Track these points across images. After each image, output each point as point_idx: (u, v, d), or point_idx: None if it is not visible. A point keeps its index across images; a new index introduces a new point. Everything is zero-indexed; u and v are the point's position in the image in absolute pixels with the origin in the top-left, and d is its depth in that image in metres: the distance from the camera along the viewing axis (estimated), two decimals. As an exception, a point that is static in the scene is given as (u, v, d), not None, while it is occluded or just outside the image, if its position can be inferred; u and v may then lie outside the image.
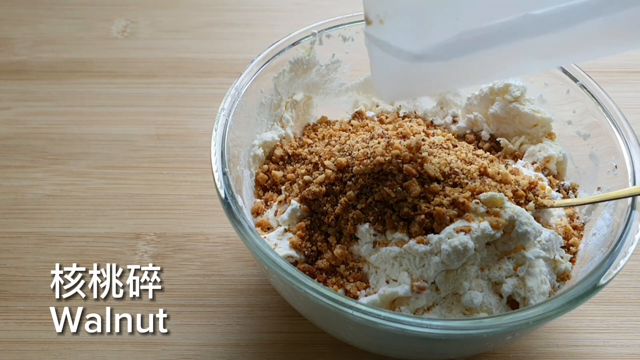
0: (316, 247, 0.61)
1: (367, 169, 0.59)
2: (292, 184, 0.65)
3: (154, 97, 0.87)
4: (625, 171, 0.61)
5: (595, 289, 0.53)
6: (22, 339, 0.65)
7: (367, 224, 0.59)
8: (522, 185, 0.62)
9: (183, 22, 0.98)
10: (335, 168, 0.61)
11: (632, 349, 0.65)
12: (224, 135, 0.61)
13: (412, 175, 0.58)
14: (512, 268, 0.57)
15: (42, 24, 0.96)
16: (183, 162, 0.80)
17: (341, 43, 0.71)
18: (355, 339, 0.59)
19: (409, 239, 0.57)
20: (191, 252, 0.71)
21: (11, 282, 0.69)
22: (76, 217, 0.74)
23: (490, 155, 0.67)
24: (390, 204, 0.58)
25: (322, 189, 0.61)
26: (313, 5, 1.01)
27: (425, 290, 0.55)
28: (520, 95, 0.70)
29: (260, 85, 0.67)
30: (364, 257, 0.59)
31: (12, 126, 0.83)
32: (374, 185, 0.59)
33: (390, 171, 0.58)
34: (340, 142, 0.66)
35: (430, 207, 0.57)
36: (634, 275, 0.71)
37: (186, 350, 0.64)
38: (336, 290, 0.58)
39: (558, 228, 0.63)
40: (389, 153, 0.59)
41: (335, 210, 0.60)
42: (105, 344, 0.64)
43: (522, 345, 0.65)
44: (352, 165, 0.60)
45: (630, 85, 0.90)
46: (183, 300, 0.68)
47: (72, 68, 0.90)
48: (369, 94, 0.76)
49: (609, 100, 0.65)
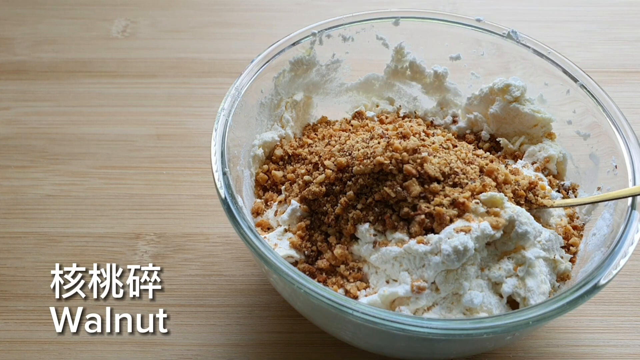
0: (316, 247, 0.61)
1: (367, 169, 0.59)
2: (292, 184, 0.65)
3: (154, 97, 0.87)
4: (625, 171, 0.61)
5: (595, 289, 0.53)
6: (22, 339, 0.65)
7: (367, 224, 0.59)
8: (522, 185, 0.62)
9: (183, 22, 0.98)
10: (335, 168, 0.61)
11: (632, 349, 0.65)
12: (224, 135, 0.61)
13: (412, 175, 0.58)
14: (512, 268, 0.57)
15: (42, 24, 0.96)
16: (183, 162, 0.80)
17: (341, 43, 0.71)
18: (355, 339, 0.59)
19: (409, 239, 0.57)
20: (191, 252, 0.71)
21: (11, 282, 0.69)
22: (76, 217, 0.74)
23: (490, 155, 0.67)
24: (390, 204, 0.58)
25: (322, 189, 0.61)
26: (313, 5, 1.01)
27: (425, 290, 0.55)
28: (520, 95, 0.70)
29: (260, 85, 0.67)
30: (364, 257, 0.59)
31: (12, 126, 0.83)
32: (373, 185, 0.59)
33: (390, 171, 0.58)
34: (340, 142, 0.66)
35: (430, 207, 0.57)
36: (634, 275, 0.70)
37: (186, 350, 0.64)
38: (336, 290, 0.58)
39: (558, 228, 0.63)
40: (389, 153, 0.59)
41: (335, 210, 0.60)
42: (105, 344, 0.64)
43: (522, 345, 0.65)
44: (352, 165, 0.60)
45: (630, 85, 0.90)
46: (183, 300, 0.68)
47: (72, 68, 0.90)
48: (369, 94, 0.76)
49: (609, 100, 0.65)
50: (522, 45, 0.70)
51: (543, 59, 0.69)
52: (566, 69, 0.68)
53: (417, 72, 0.74)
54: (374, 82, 0.75)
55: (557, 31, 0.97)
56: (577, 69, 0.68)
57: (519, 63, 0.72)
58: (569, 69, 0.68)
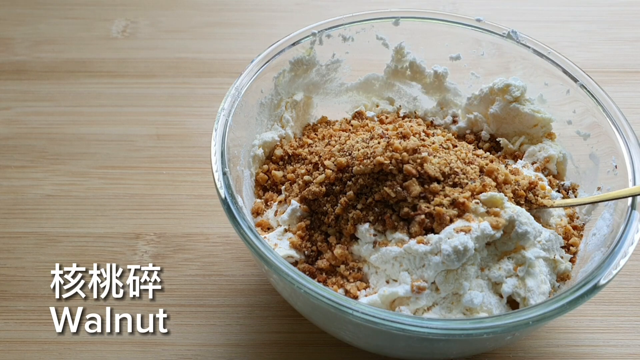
0: (316, 247, 0.61)
1: (367, 169, 0.59)
2: (292, 184, 0.65)
3: (154, 97, 0.87)
4: (625, 171, 0.61)
5: (595, 289, 0.53)
6: (22, 339, 0.65)
7: (367, 224, 0.59)
8: (522, 185, 0.62)
9: (183, 22, 0.98)
10: (335, 168, 0.61)
11: (632, 349, 0.65)
12: (224, 135, 0.61)
13: (412, 175, 0.58)
14: (512, 268, 0.57)
15: (42, 24, 0.96)
16: (183, 162, 0.80)
17: (341, 43, 0.71)
18: (355, 339, 0.59)
19: (409, 239, 0.57)
20: (191, 252, 0.71)
21: (11, 282, 0.69)
22: (76, 217, 0.74)
23: (490, 155, 0.67)
24: (390, 204, 0.58)
25: (322, 189, 0.61)
26: (313, 5, 1.01)
27: (425, 290, 0.55)
28: (520, 95, 0.70)
29: (260, 85, 0.67)
30: (364, 257, 0.59)
31: (12, 126, 0.83)
32: (373, 185, 0.59)
33: (390, 171, 0.58)
34: (340, 142, 0.66)
35: (430, 207, 0.57)
36: (634, 275, 0.70)
37: (186, 350, 0.64)
38: (336, 290, 0.58)
39: (558, 228, 0.63)
40: (389, 153, 0.59)
41: (335, 210, 0.60)
42: (105, 344, 0.64)
43: (522, 345, 0.65)
44: (352, 165, 0.60)
45: (630, 85, 0.90)
46: (183, 300, 0.68)
47: (72, 68, 0.90)
48: (369, 94, 0.76)
49: (609, 100, 0.65)
50: (522, 45, 0.70)
51: (543, 59, 0.69)
52: (566, 69, 0.68)
53: (417, 72, 0.74)
54: (374, 82, 0.75)
55: (557, 31, 0.97)
56: (577, 69, 0.68)
57: (519, 63, 0.72)
58: (569, 69, 0.68)
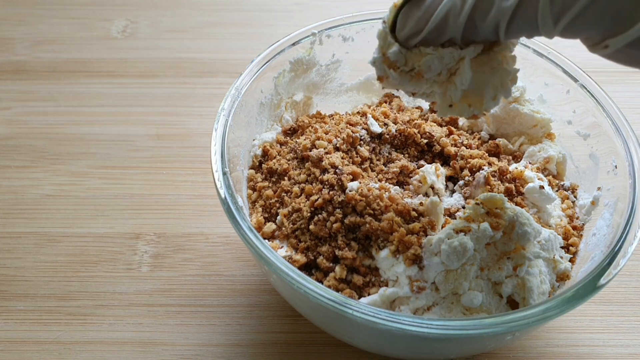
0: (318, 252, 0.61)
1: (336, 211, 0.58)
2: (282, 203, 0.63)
3: (154, 97, 0.87)
4: (625, 171, 0.61)
5: (595, 289, 0.53)
6: (22, 339, 0.65)
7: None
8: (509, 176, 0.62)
9: (183, 22, 0.98)
10: (311, 208, 0.60)
11: (632, 349, 0.65)
12: (224, 135, 0.61)
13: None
14: (512, 268, 0.57)
15: (42, 24, 0.96)
16: (183, 162, 0.80)
17: (341, 43, 0.71)
18: (355, 339, 0.59)
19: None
20: (191, 252, 0.71)
21: (11, 282, 0.69)
22: (76, 217, 0.74)
23: (490, 157, 0.67)
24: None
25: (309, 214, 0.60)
26: (313, 5, 1.01)
27: (425, 290, 0.55)
28: (520, 95, 0.70)
29: (260, 85, 0.67)
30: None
31: (12, 126, 0.83)
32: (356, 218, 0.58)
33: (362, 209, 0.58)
34: (298, 182, 0.62)
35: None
36: (634, 275, 0.71)
37: (186, 350, 0.64)
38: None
39: (558, 228, 0.63)
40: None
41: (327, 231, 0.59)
42: (105, 344, 0.64)
43: (522, 345, 0.65)
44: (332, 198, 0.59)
45: (630, 85, 0.90)
46: (183, 300, 0.68)
47: (72, 68, 0.90)
48: (369, 94, 0.76)
49: (609, 100, 0.65)
50: (522, 45, 0.70)
51: (543, 59, 0.69)
52: (566, 69, 0.68)
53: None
54: (374, 82, 0.75)
55: (557, 31, 0.97)
56: (577, 69, 0.68)
57: (519, 63, 0.71)
58: (569, 69, 0.68)
